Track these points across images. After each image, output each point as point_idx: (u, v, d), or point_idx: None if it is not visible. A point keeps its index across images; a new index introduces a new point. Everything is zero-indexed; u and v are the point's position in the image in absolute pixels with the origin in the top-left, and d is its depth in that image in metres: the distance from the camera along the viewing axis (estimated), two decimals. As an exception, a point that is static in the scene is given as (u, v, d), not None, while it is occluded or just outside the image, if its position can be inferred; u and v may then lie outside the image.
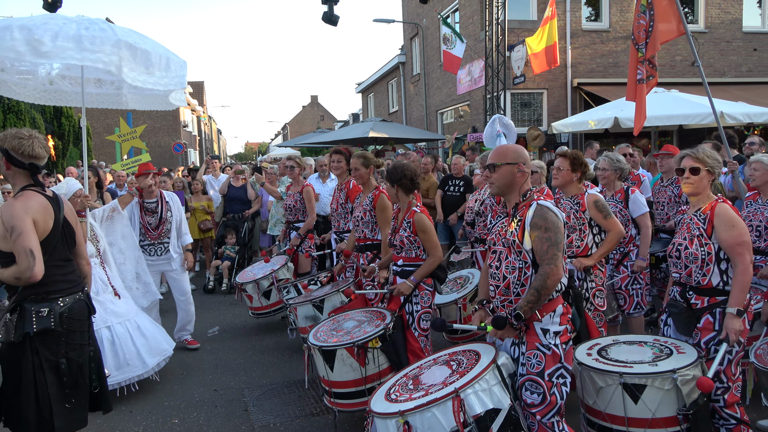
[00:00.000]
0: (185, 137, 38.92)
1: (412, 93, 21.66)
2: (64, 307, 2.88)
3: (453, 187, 7.87)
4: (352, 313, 4.06)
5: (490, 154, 2.99)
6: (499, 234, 2.87)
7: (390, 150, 17.47)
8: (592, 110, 12.22)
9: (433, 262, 3.81)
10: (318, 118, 70.59)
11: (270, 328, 6.28)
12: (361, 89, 29.03)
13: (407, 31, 21.49)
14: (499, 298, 2.84)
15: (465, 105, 17.03)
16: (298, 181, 6.47)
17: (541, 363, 2.67)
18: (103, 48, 4.16)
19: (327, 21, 10.99)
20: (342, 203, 5.40)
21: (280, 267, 5.84)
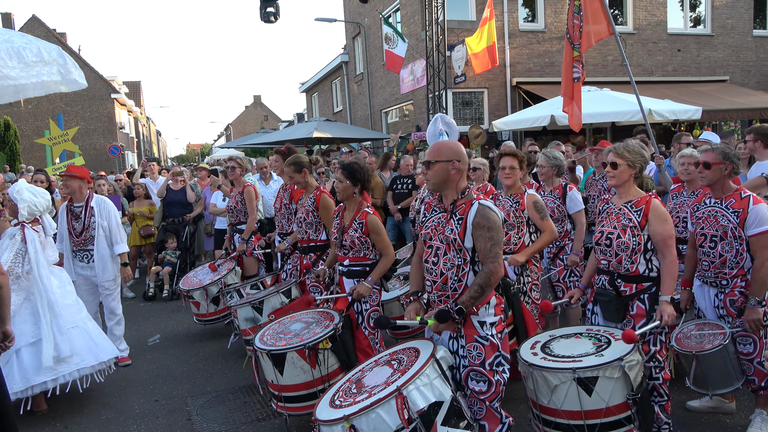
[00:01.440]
0: (122, 139, 37.44)
1: (356, 92, 21.66)
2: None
3: (401, 185, 7.98)
4: (298, 315, 4.01)
5: (427, 152, 3.03)
6: (436, 230, 2.90)
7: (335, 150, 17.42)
8: (531, 108, 12.59)
9: (388, 262, 3.85)
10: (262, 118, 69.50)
11: (214, 334, 6.13)
12: (305, 89, 28.77)
13: (349, 30, 21.45)
14: (436, 293, 2.90)
15: (408, 104, 17.17)
16: (239, 181, 6.34)
17: (482, 354, 2.78)
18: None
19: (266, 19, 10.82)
20: (286, 204, 5.36)
21: (227, 272, 5.72)
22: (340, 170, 3.98)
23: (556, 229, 4.34)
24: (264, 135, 21.01)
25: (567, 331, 3.28)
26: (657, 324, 2.98)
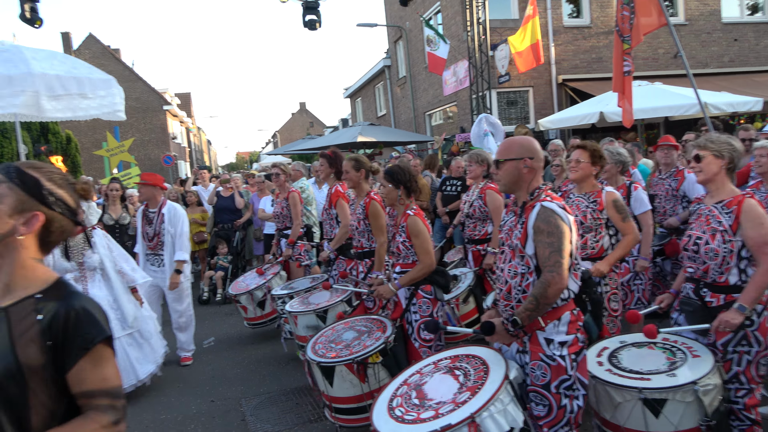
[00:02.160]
0: (175, 149, 38.79)
1: (399, 96, 21.72)
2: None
3: (450, 187, 7.88)
4: (351, 321, 3.90)
5: (497, 150, 2.79)
6: (508, 234, 2.68)
7: (379, 154, 17.51)
8: (578, 105, 12.32)
9: (422, 268, 3.60)
10: (307, 125, 70.57)
11: (265, 337, 6.26)
12: (349, 94, 29.06)
13: (391, 34, 21.55)
14: (502, 302, 2.67)
15: (452, 105, 17.09)
16: (284, 187, 6.47)
17: (546, 375, 2.48)
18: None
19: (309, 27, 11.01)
20: (326, 209, 5.32)
21: (272, 277, 5.83)
22: (383, 175, 3.87)
23: (638, 232, 3.96)
24: (310, 141, 21.34)
25: (640, 339, 2.96)
26: (706, 327, 2.76)
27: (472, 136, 10.04)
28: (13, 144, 15.55)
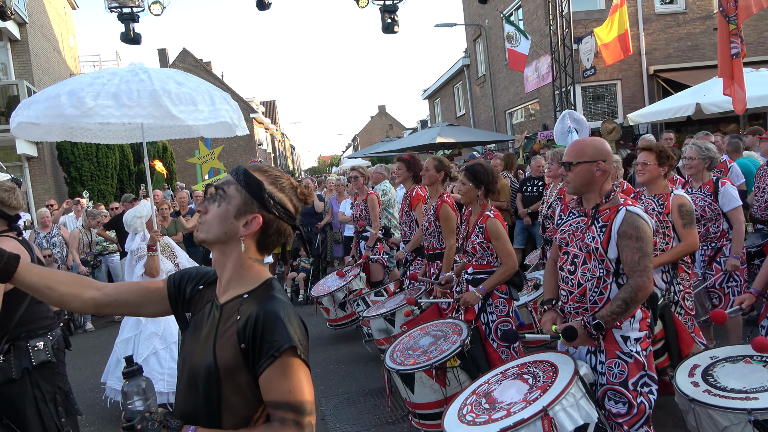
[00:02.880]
0: (261, 155, 40.48)
1: (479, 95, 21.39)
2: (54, 339, 3.01)
3: (531, 187, 7.64)
4: (427, 327, 3.89)
5: (566, 151, 2.74)
6: (574, 235, 2.64)
7: (458, 154, 17.32)
8: (672, 97, 11.55)
9: (505, 271, 3.60)
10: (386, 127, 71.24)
11: (346, 337, 6.34)
12: (428, 95, 29.02)
13: (470, 33, 21.28)
14: (572, 304, 2.65)
15: (534, 103, 16.60)
16: (362, 190, 6.52)
17: (624, 372, 2.49)
18: (140, 102, 4.25)
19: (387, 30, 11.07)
20: (406, 211, 5.36)
21: (352, 278, 5.90)
22: (463, 172, 3.85)
23: (698, 242, 3.78)
24: (389, 143, 21.52)
25: (733, 353, 2.78)
26: None
27: (556, 134, 9.67)
28: (116, 154, 16.82)
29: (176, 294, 1.64)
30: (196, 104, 4.43)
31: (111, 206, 9.13)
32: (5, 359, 2.83)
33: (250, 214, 1.47)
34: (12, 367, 2.83)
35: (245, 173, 1.50)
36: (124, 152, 17.27)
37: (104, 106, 4.06)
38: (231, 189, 1.49)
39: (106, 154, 16.33)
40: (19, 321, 2.86)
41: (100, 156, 16.17)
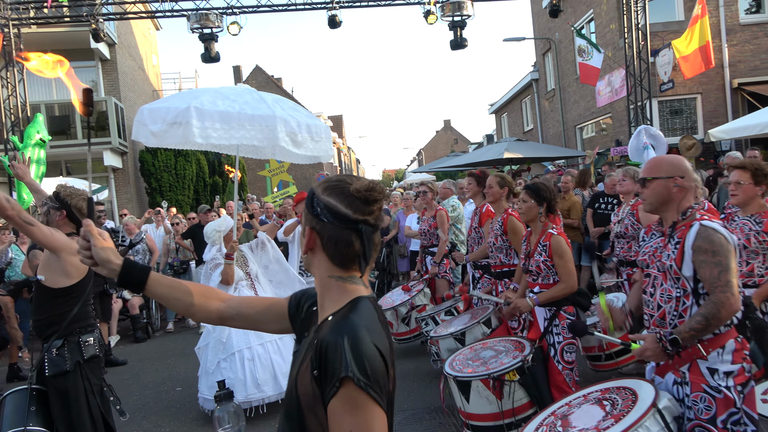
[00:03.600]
0: (327, 168, 41.30)
1: (548, 109, 20.97)
2: (99, 336, 3.28)
3: (604, 204, 7.39)
4: (491, 342, 3.90)
5: (642, 168, 2.67)
6: (653, 255, 2.54)
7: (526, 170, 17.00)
8: (759, 112, 10.88)
9: (563, 288, 3.54)
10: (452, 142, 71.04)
11: (411, 353, 6.33)
12: (494, 110, 28.74)
13: (539, 47, 20.95)
14: (653, 329, 2.51)
15: (606, 117, 16.09)
16: (431, 205, 6.53)
17: (711, 408, 2.30)
18: (321, 137, 4.76)
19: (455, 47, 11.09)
20: (475, 227, 5.32)
21: (417, 293, 5.90)
22: (524, 190, 3.84)
23: None
24: (454, 158, 21.44)
25: None
26: None
27: (630, 150, 9.30)
28: (193, 167, 17.65)
29: (295, 313, 1.59)
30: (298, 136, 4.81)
31: (188, 216, 9.59)
32: (59, 353, 3.08)
33: (308, 226, 1.39)
34: (66, 360, 3.08)
35: (311, 191, 1.42)
36: (200, 165, 18.11)
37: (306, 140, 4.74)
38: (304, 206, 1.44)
39: (184, 167, 17.18)
40: (72, 319, 3.12)
41: (179, 168, 17.04)
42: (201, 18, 10.94)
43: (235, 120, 4.47)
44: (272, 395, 4.77)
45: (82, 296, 3.17)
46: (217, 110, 4.47)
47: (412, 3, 11.54)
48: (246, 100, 4.71)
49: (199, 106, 4.46)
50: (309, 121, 4.97)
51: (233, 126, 4.46)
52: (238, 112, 4.51)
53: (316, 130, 4.91)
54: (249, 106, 4.61)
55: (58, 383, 3.09)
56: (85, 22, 11.83)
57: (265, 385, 4.75)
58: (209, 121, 4.43)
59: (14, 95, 11.97)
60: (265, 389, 4.74)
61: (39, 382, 3.12)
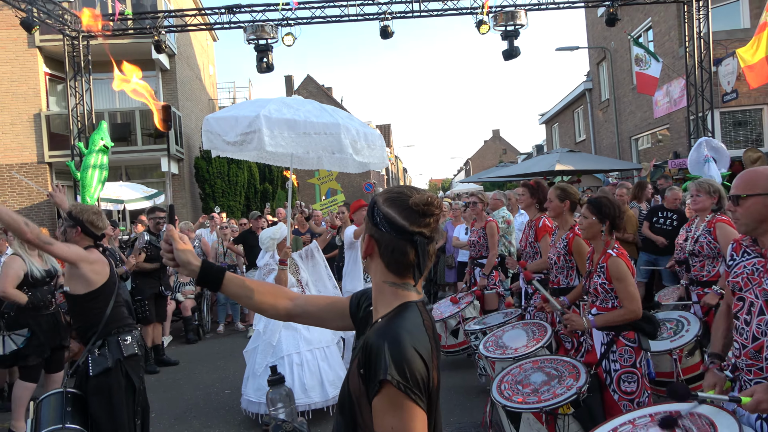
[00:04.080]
0: (374, 177, 41.54)
1: (601, 120, 20.45)
2: (138, 336, 3.45)
3: (663, 219, 7.10)
4: (540, 361, 3.68)
5: (734, 182, 2.45)
6: (749, 279, 2.31)
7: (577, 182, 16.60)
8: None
9: (625, 314, 3.23)
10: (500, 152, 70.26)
11: (458, 365, 6.25)
12: (545, 120, 28.26)
13: (593, 56, 20.49)
14: (744, 360, 2.31)
15: (664, 129, 15.55)
16: (481, 216, 6.45)
17: None
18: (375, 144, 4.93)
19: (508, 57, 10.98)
20: (531, 242, 5.10)
21: (466, 306, 5.83)
22: (586, 205, 3.55)
23: None
24: (503, 168, 21.17)
25: None
26: None
27: (690, 162, 8.95)
28: (245, 174, 18.10)
29: (356, 311, 1.67)
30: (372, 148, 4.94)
31: (240, 222, 9.83)
32: (100, 352, 3.30)
33: (368, 233, 1.47)
34: (107, 358, 3.28)
35: (374, 195, 1.50)
36: (251, 172, 18.55)
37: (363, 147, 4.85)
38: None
39: (236, 173, 17.64)
40: (108, 320, 3.34)
41: (231, 175, 17.51)
42: (257, 29, 11.24)
43: (301, 128, 4.58)
44: (318, 402, 4.79)
45: (110, 298, 3.39)
46: (284, 118, 4.60)
47: (464, 13, 11.51)
48: (308, 108, 4.83)
49: (267, 114, 4.61)
50: (364, 129, 5.03)
51: (299, 134, 4.59)
52: (303, 120, 4.62)
53: (371, 138, 4.99)
54: (312, 114, 4.72)
55: (101, 381, 3.27)
56: (148, 34, 12.36)
57: (312, 391, 4.78)
58: (278, 129, 4.57)
59: (81, 104, 12.60)
60: (311, 395, 4.77)
61: (77, 385, 3.33)
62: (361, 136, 4.90)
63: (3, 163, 15.47)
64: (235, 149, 4.76)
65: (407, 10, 11.57)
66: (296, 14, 11.64)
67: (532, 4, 11.56)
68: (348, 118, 5.01)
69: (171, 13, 12.96)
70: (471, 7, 11.46)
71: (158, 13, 12.68)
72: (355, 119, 5.24)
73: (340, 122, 4.70)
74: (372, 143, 5.02)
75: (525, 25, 11.27)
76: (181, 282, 8.57)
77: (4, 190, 15.51)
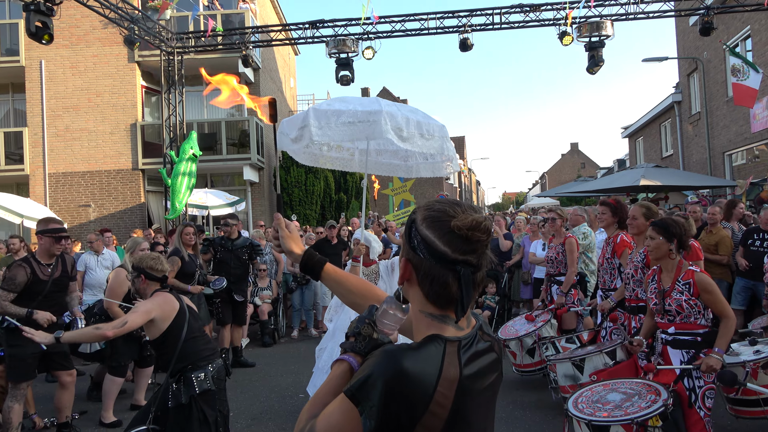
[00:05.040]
0: (447, 189, 41.39)
1: (691, 134, 19.34)
2: (213, 371, 3.60)
3: (759, 241, 6.62)
4: (612, 384, 3.64)
5: None
6: None
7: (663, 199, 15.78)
8: None
9: (729, 323, 3.36)
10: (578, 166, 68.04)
11: (534, 384, 6.07)
12: (628, 133, 27.08)
13: (683, 67, 19.46)
14: None
15: (762, 144, 14.49)
16: (560, 232, 6.26)
17: None
18: (434, 135, 4.87)
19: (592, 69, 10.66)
20: (608, 258, 5.02)
21: (542, 324, 5.67)
22: (651, 227, 3.70)
23: None
24: (582, 183, 20.47)
25: None
26: None
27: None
28: (321, 183, 18.57)
29: None
30: None
31: (316, 230, 10.07)
32: (177, 387, 3.54)
33: (404, 257, 1.30)
34: (182, 393, 3.51)
35: (413, 211, 1.32)
36: (327, 182, 18.99)
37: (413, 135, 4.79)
38: None
39: (313, 183, 18.13)
40: (179, 357, 3.56)
41: (308, 184, 18.01)
42: (339, 44, 11.56)
43: (345, 117, 4.65)
44: None
45: (177, 341, 3.59)
46: (332, 109, 4.70)
47: (546, 24, 11.30)
48: (362, 101, 4.88)
49: (317, 107, 4.78)
50: (416, 117, 4.96)
51: (345, 123, 4.66)
52: (348, 109, 4.69)
53: (427, 128, 4.89)
54: (361, 104, 4.77)
55: (177, 413, 3.53)
56: (237, 49, 13.00)
57: None
58: (324, 120, 4.65)
59: (174, 115, 13.43)
60: None
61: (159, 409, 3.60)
62: (412, 124, 4.80)
63: (102, 169, 16.72)
64: (296, 147, 4.90)
65: (488, 23, 11.51)
66: (377, 28, 11.87)
67: (619, 14, 11.17)
68: (396, 106, 4.96)
69: (258, 28, 13.58)
70: (554, 19, 11.24)
71: (246, 29, 13.33)
72: (419, 112, 5.16)
73: (383, 109, 4.63)
74: (428, 133, 4.93)
75: (611, 35, 10.91)
76: (260, 287, 8.88)
77: (102, 194, 16.75)
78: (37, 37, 9.08)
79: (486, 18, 11.48)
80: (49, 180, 16.62)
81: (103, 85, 16.73)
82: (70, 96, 16.69)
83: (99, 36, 16.53)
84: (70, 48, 16.60)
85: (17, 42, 16.52)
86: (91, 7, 10.76)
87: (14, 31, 16.58)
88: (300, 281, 9.14)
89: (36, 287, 4.63)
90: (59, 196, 16.69)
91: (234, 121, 17.40)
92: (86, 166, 16.72)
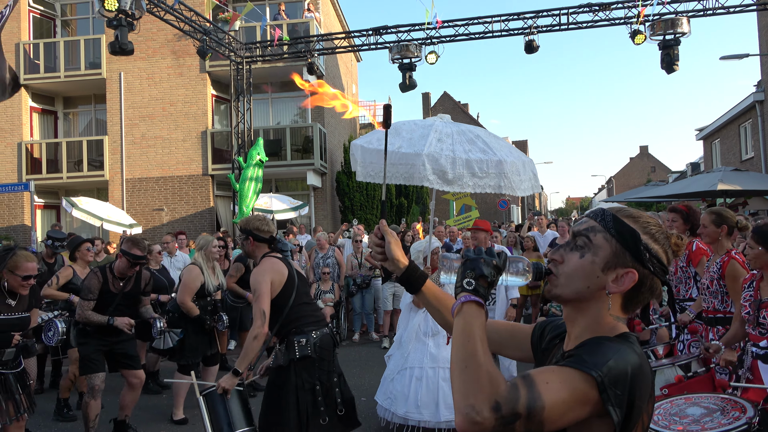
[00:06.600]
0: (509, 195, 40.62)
1: (775, 136, 18.13)
2: (317, 339, 3.49)
3: None
4: (695, 398, 3.46)
5: None
6: None
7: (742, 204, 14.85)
8: None
9: None
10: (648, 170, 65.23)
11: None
12: (703, 135, 25.70)
13: (766, 64, 18.28)
14: None
15: None
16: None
17: None
18: (488, 172, 4.74)
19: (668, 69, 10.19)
20: (682, 267, 4.78)
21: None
22: (751, 235, 3.43)
23: None
24: (652, 188, 19.61)
25: None
26: None
27: None
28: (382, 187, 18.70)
29: (538, 341, 1.54)
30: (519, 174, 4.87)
31: (378, 235, 10.13)
32: (280, 349, 3.53)
33: (622, 268, 1.27)
34: (283, 356, 3.47)
35: (615, 220, 1.30)
36: (388, 186, 19.11)
37: (461, 175, 4.73)
38: (598, 238, 1.29)
39: (374, 188, 18.28)
40: (286, 319, 3.51)
41: (370, 189, 18.18)
42: (402, 49, 11.61)
43: (388, 158, 4.68)
44: (430, 420, 4.75)
45: (286, 304, 3.55)
46: (375, 149, 4.75)
47: (617, 23, 10.91)
48: (413, 132, 4.86)
49: (365, 144, 4.86)
50: (476, 157, 4.84)
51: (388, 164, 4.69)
52: (394, 150, 4.70)
53: (480, 165, 4.75)
54: (409, 143, 4.77)
55: (276, 376, 3.52)
56: (302, 57, 13.31)
57: (424, 408, 4.74)
58: (369, 158, 4.77)
59: (242, 122, 13.90)
60: (423, 412, 4.74)
61: None
62: (459, 163, 4.69)
63: (174, 175, 17.53)
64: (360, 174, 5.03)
65: (554, 24, 11.25)
66: (440, 33, 11.84)
67: (696, 9, 10.63)
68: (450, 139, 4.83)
69: (322, 37, 13.86)
70: (625, 17, 10.83)
71: (311, 38, 13.63)
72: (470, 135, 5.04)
73: (424, 152, 4.59)
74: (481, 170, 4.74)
75: (687, 33, 10.39)
76: (322, 290, 9.01)
77: (174, 199, 17.55)
78: (122, 52, 9.63)
79: (553, 19, 11.22)
80: (126, 185, 17.60)
81: (177, 94, 17.55)
82: (146, 105, 17.63)
83: (173, 48, 17.39)
84: (147, 60, 17.54)
85: (99, 56, 17.62)
86: (167, 21, 11.32)
87: (97, 46, 17.70)
88: (360, 285, 9.22)
89: (105, 297, 4.83)
90: (135, 200, 17.63)
91: (298, 127, 17.83)
92: (160, 171, 17.59)
